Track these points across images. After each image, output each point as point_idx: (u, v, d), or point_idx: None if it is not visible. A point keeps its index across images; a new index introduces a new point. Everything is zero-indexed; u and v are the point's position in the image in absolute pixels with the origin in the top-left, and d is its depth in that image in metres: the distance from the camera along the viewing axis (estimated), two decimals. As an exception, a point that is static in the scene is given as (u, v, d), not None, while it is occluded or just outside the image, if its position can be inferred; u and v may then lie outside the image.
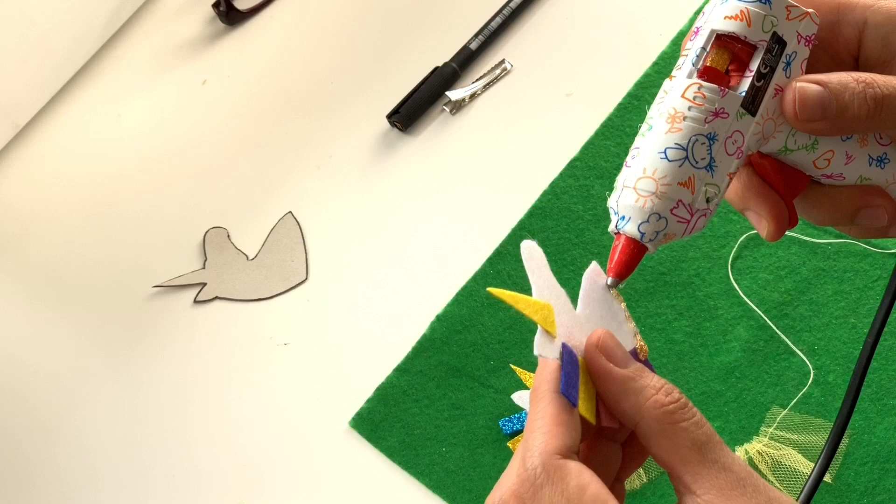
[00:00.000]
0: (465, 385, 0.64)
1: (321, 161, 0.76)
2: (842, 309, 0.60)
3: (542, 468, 0.38)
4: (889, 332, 0.58)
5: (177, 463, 0.66)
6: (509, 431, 0.61)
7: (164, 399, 0.69)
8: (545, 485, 0.39)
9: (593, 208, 0.67)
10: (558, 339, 0.40)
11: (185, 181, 0.78)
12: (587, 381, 0.40)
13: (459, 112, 0.75)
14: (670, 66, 0.70)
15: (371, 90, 0.78)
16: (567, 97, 0.73)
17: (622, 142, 0.69)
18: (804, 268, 0.62)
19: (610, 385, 0.39)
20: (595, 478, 0.37)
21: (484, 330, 0.65)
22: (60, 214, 0.79)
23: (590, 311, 0.41)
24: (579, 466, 0.37)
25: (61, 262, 0.77)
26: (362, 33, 0.81)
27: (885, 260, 0.61)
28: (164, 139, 0.80)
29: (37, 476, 0.68)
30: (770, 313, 0.61)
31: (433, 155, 0.74)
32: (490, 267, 0.67)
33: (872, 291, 0.60)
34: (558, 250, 0.66)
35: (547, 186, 0.69)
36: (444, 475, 0.61)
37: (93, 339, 0.73)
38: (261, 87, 0.81)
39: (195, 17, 0.86)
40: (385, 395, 0.65)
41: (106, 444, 0.68)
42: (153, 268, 0.74)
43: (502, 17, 0.77)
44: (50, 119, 0.84)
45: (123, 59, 0.85)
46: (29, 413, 0.71)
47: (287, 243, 0.73)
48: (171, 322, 0.72)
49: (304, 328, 0.69)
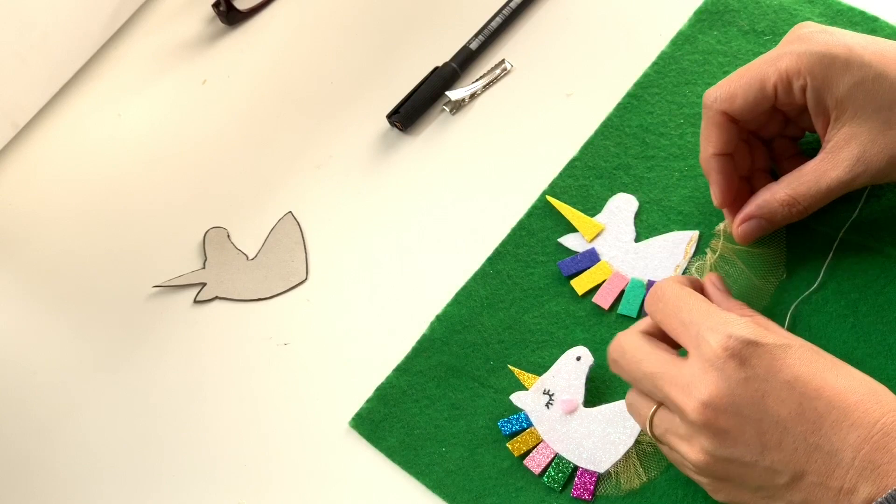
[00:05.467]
0: (465, 385, 0.64)
1: (321, 161, 0.76)
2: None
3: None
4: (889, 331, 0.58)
5: (176, 462, 0.66)
6: (508, 432, 0.61)
7: (163, 399, 0.69)
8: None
9: (593, 208, 0.67)
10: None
11: (185, 181, 0.78)
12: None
13: (459, 112, 0.75)
14: (670, 66, 0.70)
15: (371, 90, 0.78)
16: (567, 97, 0.73)
17: (621, 142, 0.69)
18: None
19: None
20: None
21: (484, 330, 0.65)
22: (60, 214, 0.79)
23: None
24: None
25: (60, 261, 0.77)
26: (362, 33, 0.81)
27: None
28: (164, 139, 0.80)
29: (36, 476, 0.68)
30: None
31: (433, 155, 0.74)
32: (490, 267, 0.67)
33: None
34: (558, 250, 0.66)
35: (546, 186, 0.69)
36: (443, 475, 0.61)
37: (92, 338, 0.73)
38: (261, 87, 0.81)
39: (195, 17, 0.86)
40: (385, 396, 0.65)
41: (105, 443, 0.68)
42: (153, 268, 0.74)
43: (502, 17, 0.77)
44: (50, 119, 0.84)
45: (123, 59, 0.85)
46: (28, 413, 0.71)
47: (287, 243, 0.73)
48: (170, 322, 0.72)
49: (304, 328, 0.69)
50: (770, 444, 0.48)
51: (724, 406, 0.48)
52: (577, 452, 0.59)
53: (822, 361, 0.50)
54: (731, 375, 0.48)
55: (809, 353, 0.50)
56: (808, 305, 0.60)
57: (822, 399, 0.48)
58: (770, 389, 0.48)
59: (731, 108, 0.57)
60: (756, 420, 0.48)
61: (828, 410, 0.47)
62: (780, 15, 0.70)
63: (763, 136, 0.61)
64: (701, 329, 0.50)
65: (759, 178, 0.61)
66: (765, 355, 0.49)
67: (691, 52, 0.71)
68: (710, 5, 0.72)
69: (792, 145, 0.62)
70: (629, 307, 0.62)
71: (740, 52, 0.70)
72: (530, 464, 0.60)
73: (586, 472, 0.59)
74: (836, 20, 0.68)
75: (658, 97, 0.70)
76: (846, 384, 0.48)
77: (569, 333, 0.63)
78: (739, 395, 0.48)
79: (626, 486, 0.58)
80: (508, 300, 0.66)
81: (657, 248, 0.64)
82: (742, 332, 0.49)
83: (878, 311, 0.59)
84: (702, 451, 0.50)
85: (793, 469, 0.48)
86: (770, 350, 0.49)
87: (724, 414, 0.48)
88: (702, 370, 0.49)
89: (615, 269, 0.64)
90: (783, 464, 0.48)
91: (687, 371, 0.50)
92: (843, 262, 0.61)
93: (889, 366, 0.57)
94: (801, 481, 0.48)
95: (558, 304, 0.64)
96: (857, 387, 0.49)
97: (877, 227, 0.61)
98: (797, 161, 0.60)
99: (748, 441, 0.48)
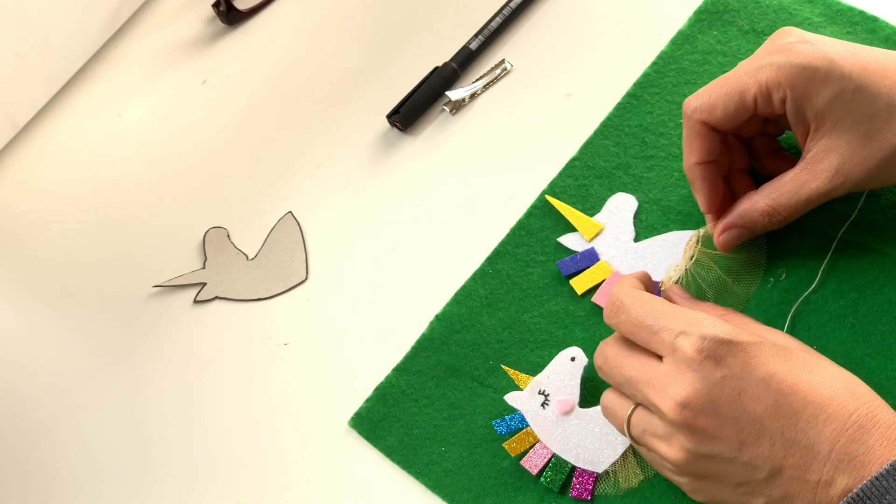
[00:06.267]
0: (464, 385, 0.64)
1: (321, 161, 0.76)
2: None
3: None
4: (888, 331, 0.58)
5: (176, 462, 0.66)
6: (504, 432, 0.61)
7: (163, 399, 0.69)
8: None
9: (592, 208, 0.67)
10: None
11: (185, 181, 0.78)
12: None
13: (459, 112, 0.75)
14: (670, 66, 0.70)
15: (371, 90, 0.78)
16: (567, 97, 0.73)
17: (621, 141, 0.69)
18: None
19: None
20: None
21: (483, 330, 0.65)
22: (60, 214, 0.79)
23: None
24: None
25: (60, 261, 0.77)
26: (362, 33, 0.81)
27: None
28: (164, 139, 0.81)
29: (36, 476, 0.68)
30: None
31: (433, 155, 0.74)
32: (489, 266, 0.67)
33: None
34: (557, 250, 0.66)
35: (546, 186, 0.69)
36: (442, 475, 0.61)
37: (92, 338, 0.73)
38: (261, 87, 0.81)
39: (195, 17, 0.86)
40: (384, 395, 0.65)
41: (105, 443, 0.68)
42: (153, 268, 0.74)
43: (502, 17, 0.77)
44: (50, 119, 0.84)
45: (123, 59, 0.86)
46: (28, 413, 0.71)
47: (287, 243, 0.73)
48: (170, 322, 0.72)
49: (304, 328, 0.69)
50: (748, 440, 0.49)
51: (702, 406, 0.49)
52: (574, 453, 0.59)
53: (796, 358, 0.50)
54: (707, 376, 0.49)
55: (782, 350, 0.51)
56: (808, 305, 0.60)
57: (797, 395, 0.49)
58: (746, 387, 0.49)
59: (710, 118, 0.57)
60: (733, 418, 0.49)
61: (803, 406, 0.48)
62: (779, 15, 0.70)
63: (742, 136, 0.61)
64: (672, 333, 0.51)
65: (737, 179, 0.62)
66: (739, 353, 0.50)
67: (691, 51, 0.71)
68: (710, 5, 0.72)
69: (772, 142, 0.62)
70: None
71: (740, 51, 0.69)
72: (527, 464, 0.60)
73: (584, 472, 0.59)
74: (835, 20, 0.68)
75: (658, 97, 0.70)
76: (819, 379, 0.49)
77: (568, 333, 0.63)
78: (716, 394, 0.49)
79: (625, 486, 0.58)
80: (508, 300, 0.66)
81: (656, 248, 0.64)
82: (715, 332, 0.50)
83: (878, 311, 0.59)
84: (681, 449, 0.50)
85: (771, 464, 0.49)
86: (744, 348, 0.50)
87: (702, 413, 0.49)
88: (677, 372, 0.50)
89: (614, 269, 0.64)
90: (761, 459, 0.49)
91: (663, 372, 0.51)
92: (843, 261, 0.61)
93: (888, 366, 0.57)
94: (779, 476, 0.49)
95: (558, 304, 0.64)
96: (832, 381, 0.50)
97: (876, 227, 0.61)
98: (777, 158, 0.61)
99: (727, 438, 0.49)
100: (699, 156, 0.59)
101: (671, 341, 0.51)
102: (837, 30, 0.68)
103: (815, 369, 0.50)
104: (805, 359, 0.51)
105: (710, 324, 0.51)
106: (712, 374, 0.49)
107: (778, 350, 0.50)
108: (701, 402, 0.49)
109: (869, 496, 0.46)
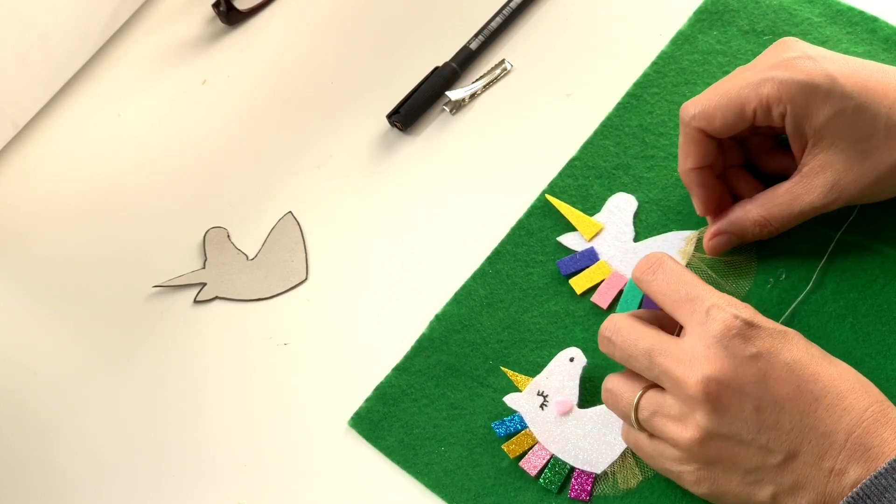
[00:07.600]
0: (464, 385, 0.64)
1: (321, 161, 0.76)
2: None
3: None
4: (888, 331, 0.58)
5: (176, 462, 0.67)
6: (503, 434, 0.61)
7: (163, 399, 0.69)
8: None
9: (592, 207, 0.67)
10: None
11: (185, 181, 0.78)
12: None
13: (459, 112, 0.75)
14: (670, 66, 0.70)
15: (371, 90, 0.78)
16: (567, 97, 0.73)
17: (621, 141, 0.69)
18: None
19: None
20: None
21: (483, 329, 0.65)
22: (60, 214, 0.79)
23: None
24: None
25: (60, 261, 0.77)
26: (362, 33, 0.81)
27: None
28: (164, 139, 0.81)
29: (36, 476, 0.68)
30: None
31: (433, 155, 0.74)
32: (489, 266, 0.67)
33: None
34: (557, 249, 0.66)
35: (546, 186, 0.69)
36: (442, 474, 0.61)
37: (92, 339, 0.73)
38: (261, 87, 0.81)
39: (195, 17, 0.86)
40: (384, 395, 0.65)
41: (105, 444, 0.68)
42: (153, 268, 0.74)
43: (502, 17, 0.77)
44: (50, 119, 0.84)
45: (123, 59, 0.86)
46: (28, 413, 0.71)
47: (287, 243, 0.73)
48: (170, 322, 0.72)
49: (304, 328, 0.69)
50: (767, 422, 0.49)
51: (728, 381, 0.49)
52: (573, 453, 0.59)
53: (816, 350, 0.52)
54: (736, 353, 0.50)
55: (805, 341, 0.52)
56: (807, 305, 0.60)
57: (819, 383, 0.49)
58: (771, 369, 0.50)
59: (708, 127, 0.58)
60: (756, 398, 0.49)
61: (823, 394, 0.49)
62: (779, 15, 0.70)
63: (738, 137, 0.61)
64: (707, 302, 0.51)
65: (733, 175, 0.62)
66: (766, 337, 0.50)
67: (691, 51, 0.71)
68: (710, 5, 0.72)
69: (769, 139, 0.62)
70: (627, 306, 0.62)
71: (740, 51, 0.70)
72: (526, 465, 0.60)
73: (583, 472, 0.59)
74: (835, 20, 0.68)
75: (658, 97, 0.70)
76: (839, 372, 0.51)
77: (568, 333, 0.63)
78: (743, 372, 0.50)
79: (624, 486, 0.58)
80: (507, 299, 0.66)
81: (656, 248, 0.64)
82: (745, 314, 0.51)
83: (877, 311, 0.59)
84: (697, 428, 0.50)
85: (787, 448, 0.49)
86: (770, 333, 0.51)
87: (727, 390, 0.49)
88: (706, 346, 0.50)
89: (614, 269, 0.64)
90: (778, 443, 0.49)
91: (688, 346, 0.51)
92: (842, 262, 0.61)
93: (888, 366, 0.57)
94: (794, 461, 0.49)
95: (557, 304, 0.64)
96: (849, 376, 0.51)
97: (876, 227, 0.61)
98: (775, 155, 0.62)
99: (746, 418, 0.49)
100: (695, 161, 0.59)
101: (705, 309, 0.51)
102: (837, 30, 0.68)
103: (834, 363, 0.51)
104: (823, 352, 0.52)
105: (740, 305, 0.52)
106: (741, 352, 0.50)
107: (801, 339, 0.52)
108: (728, 377, 0.49)
109: (881, 487, 0.46)
